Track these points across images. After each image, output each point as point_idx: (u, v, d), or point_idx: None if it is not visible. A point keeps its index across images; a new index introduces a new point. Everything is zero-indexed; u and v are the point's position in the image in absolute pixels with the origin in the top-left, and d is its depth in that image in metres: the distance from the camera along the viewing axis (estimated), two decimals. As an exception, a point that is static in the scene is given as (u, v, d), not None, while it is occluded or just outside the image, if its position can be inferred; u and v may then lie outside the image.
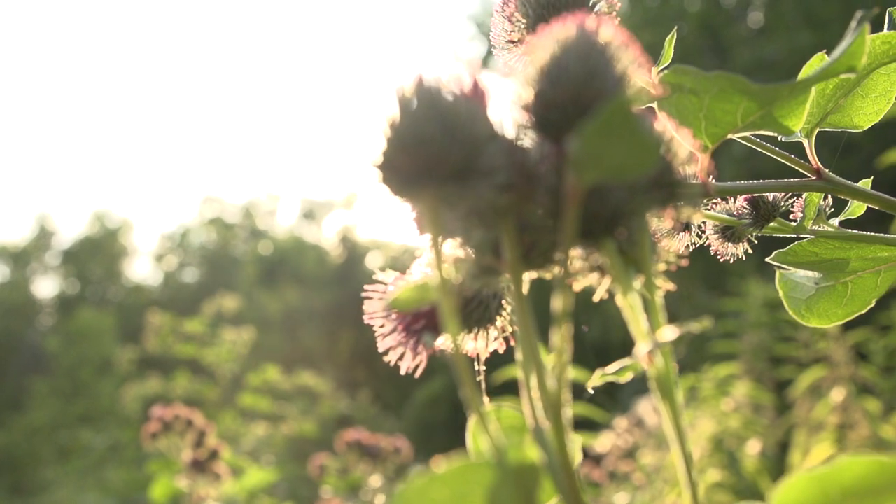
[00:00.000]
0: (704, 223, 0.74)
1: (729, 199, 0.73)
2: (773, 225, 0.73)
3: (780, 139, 0.66)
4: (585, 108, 0.37)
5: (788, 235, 0.74)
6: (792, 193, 0.72)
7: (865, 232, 0.73)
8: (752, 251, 0.74)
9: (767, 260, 0.75)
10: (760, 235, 0.74)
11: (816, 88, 0.67)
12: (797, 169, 0.68)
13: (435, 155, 0.35)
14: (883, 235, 0.72)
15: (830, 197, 0.73)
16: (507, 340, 0.51)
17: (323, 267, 19.93)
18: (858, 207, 0.74)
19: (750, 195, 0.71)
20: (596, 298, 0.44)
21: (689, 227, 0.70)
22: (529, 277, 0.41)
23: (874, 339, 2.84)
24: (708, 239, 0.74)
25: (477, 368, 0.50)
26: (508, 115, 0.40)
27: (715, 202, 0.73)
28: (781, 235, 0.75)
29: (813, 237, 0.73)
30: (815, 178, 0.68)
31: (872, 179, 0.71)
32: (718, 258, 0.75)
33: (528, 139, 0.40)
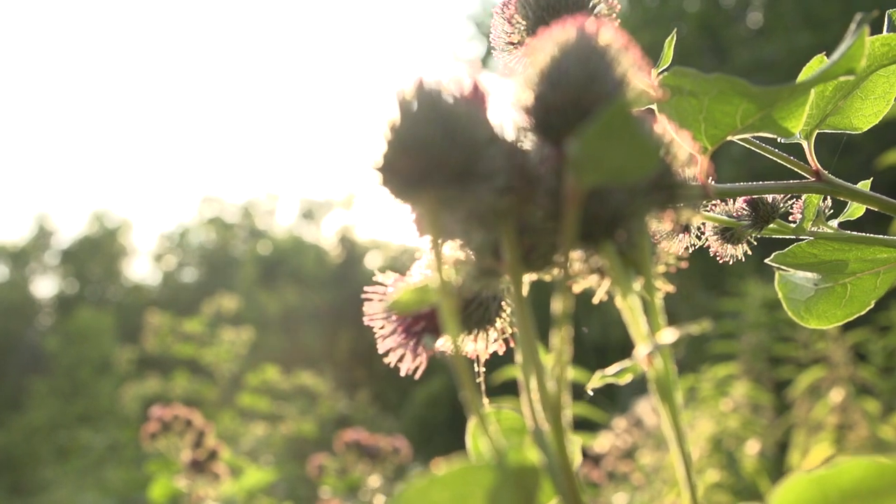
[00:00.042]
0: (704, 224, 0.74)
1: (728, 200, 0.73)
2: (772, 226, 0.73)
3: (779, 141, 0.66)
4: (585, 111, 0.37)
5: (788, 237, 0.74)
6: (791, 195, 0.72)
7: (864, 233, 0.73)
8: (751, 252, 0.74)
9: (767, 261, 0.75)
10: (760, 236, 0.74)
11: (816, 90, 0.67)
12: (796, 170, 0.69)
13: (435, 158, 0.35)
14: (882, 237, 0.72)
15: (829, 198, 0.73)
16: (506, 342, 0.51)
17: (322, 267, 19.92)
18: (857, 209, 0.74)
19: (749, 197, 0.71)
20: (596, 300, 0.44)
21: (688, 228, 0.70)
22: (529, 279, 0.42)
23: (873, 339, 2.85)
24: (707, 240, 0.74)
25: (477, 370, 0.51)
26: (508, 117, 0.40)
27: (714, 204, 0.73)
28: (781, 237, 0.75)
29: (812, 239, 0.73)
30: (814, 179, 0.68)
31: (872, 180, 0.72)
32: (718, 259, 0.75)
33: (528, 142, 0.40)
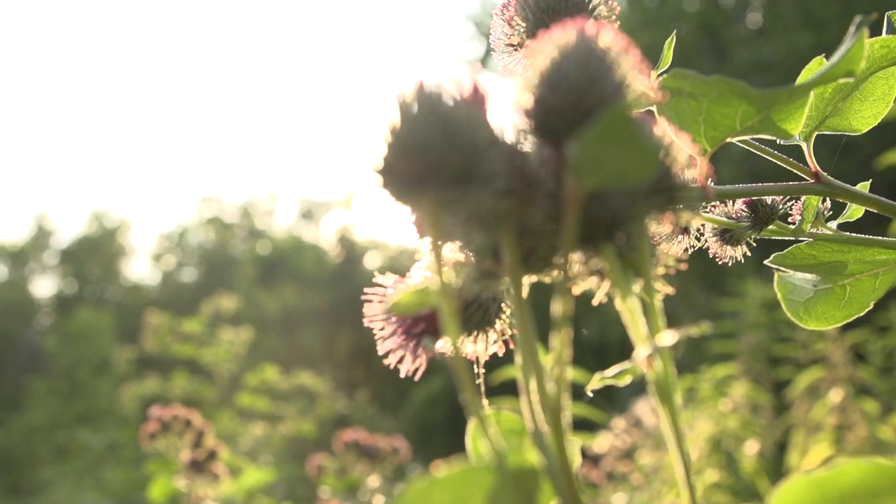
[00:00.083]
0: (703, 226, 0.74)
1: (728, 202, 0.73)
2: (771, 228, 0.73)
3: (778, 142, 0.66)
4: (585, 113, 0.37)
5: (787, 238, 0.74)
6: (790, 196, 0.72)
7: (863, 235, 0.73)
8: (750, 253, 0.75)
9: (766, 263, 0.75)
10: (759, 238, 0.74)
11: (815, 92, 0.67)
12: (796, 172, 0.69)
13: (435, 160, 0.35)
14: (881, 238, 0.72)
15: (829, 200, 0.73)
16: (506, 343, 0.51)
17: (321, 267, 19.92)
18: (857, 210, 0.74)
19: (748, 198, 0.72)
20: (595, 302, 0.44)
21: (688, 230, 0.70)
22: (529, 281, 0.42)
23: (872, 339, 2.85)
24: (707, 241, 0.74)
25: (476, 371, 0.51)
26: (508, 120, 0.40)
27: (714, 205, 0.73)
28: (780, 238, 0.75)
29: (811, 240, 0.73)
30: (813, 181, 0.68)
31: (871, 181, 0.72)
32: (717, 260, 0.75)
33: (528, 144, 0.40)
